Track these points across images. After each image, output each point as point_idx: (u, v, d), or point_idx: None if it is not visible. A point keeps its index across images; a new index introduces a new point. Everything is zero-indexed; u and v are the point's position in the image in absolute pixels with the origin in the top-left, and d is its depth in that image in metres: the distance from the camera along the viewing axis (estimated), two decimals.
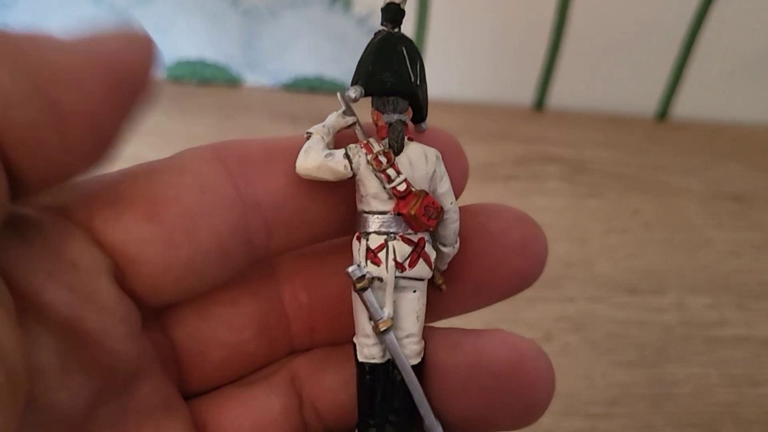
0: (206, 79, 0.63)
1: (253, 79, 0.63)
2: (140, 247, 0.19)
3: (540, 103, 0.63)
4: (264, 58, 0.61)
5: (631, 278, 0.47)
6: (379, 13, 0.21)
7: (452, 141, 0.23)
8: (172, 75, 0.63)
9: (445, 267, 0.22)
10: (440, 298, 0.22)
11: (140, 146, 0.57)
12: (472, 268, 0.22)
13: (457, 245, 0.22)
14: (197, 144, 0.21)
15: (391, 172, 0.20)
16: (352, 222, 0.22)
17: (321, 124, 0.21)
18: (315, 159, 0.20)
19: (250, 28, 0.59)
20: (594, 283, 0.46)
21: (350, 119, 0.22)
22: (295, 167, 0.21)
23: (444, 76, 0.62)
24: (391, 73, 0.21)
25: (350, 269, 0.20)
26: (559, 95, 0.62)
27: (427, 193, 0.21)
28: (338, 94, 0.21)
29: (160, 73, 0.18)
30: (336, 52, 0.60)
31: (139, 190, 0.19)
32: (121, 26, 0.17)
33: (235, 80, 0.63)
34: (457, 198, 0.22)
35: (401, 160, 0.21)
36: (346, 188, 0.21)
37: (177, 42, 0.61)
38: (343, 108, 0.21)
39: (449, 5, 0.57)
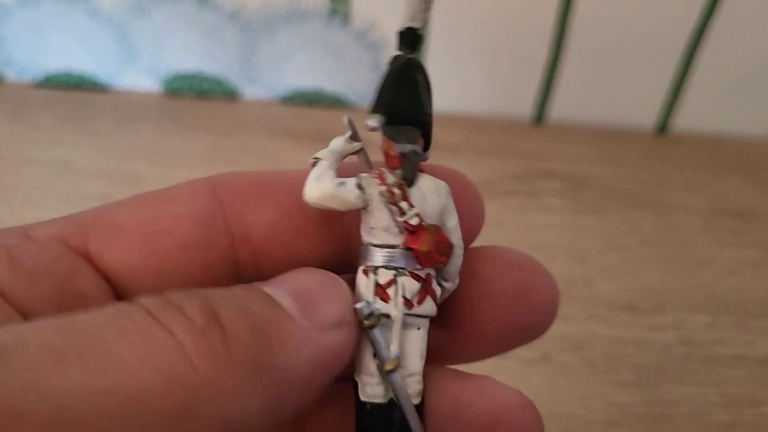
0: (204, 92, 0.63)
1: (251, 92, 0.63)
2: (133, 275, 0.19)
3: (539, 117, 0.63)
4: (262, 72, 0.61)
5: (630, 297, 0.46)
6: (380, 28, 0.21)
7: (465, 181, 0.22)
8: (170, 88, 0.63)
9: (440, 301, 0.21)
10: (432, 344, 0.21)
11: (139, 161, 0.58)
12: (461, 316, 0.21)
13: (458, 280, 0.21)
14: (194, 159, 0.21)
15: (403, 204, 0.20)
16: (341, 256, 0.21)
17: (328, 150, 0.21)
18: (326, 188, 0.20)
19: (248, 42, 0.59)
20: (593, 302, 0.46)
21: (357, 145, 0.21)
22: (286, 199, 0.20)
23: (442, 90, 0.62)
24: (409, 102, 0.21)
25: (359, 306, 0.19)
26: (559, 109, 0.62)
27: (439, 228, 0.20)
28: (345, 119, 0.21)
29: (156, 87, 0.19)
30: (334, 66, 0.60)
31: (133, 220, 0.20)
32: None
33: (233, 94, 0.63)
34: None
35: (413, 193, 0.20)
36: (337, 223, 0.21)
37: (174, 56, 0.61)
38: (350, 133, 0.21)
39: (448, 19, 0.57)
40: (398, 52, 0.21)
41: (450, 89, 0.62)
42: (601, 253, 0.49)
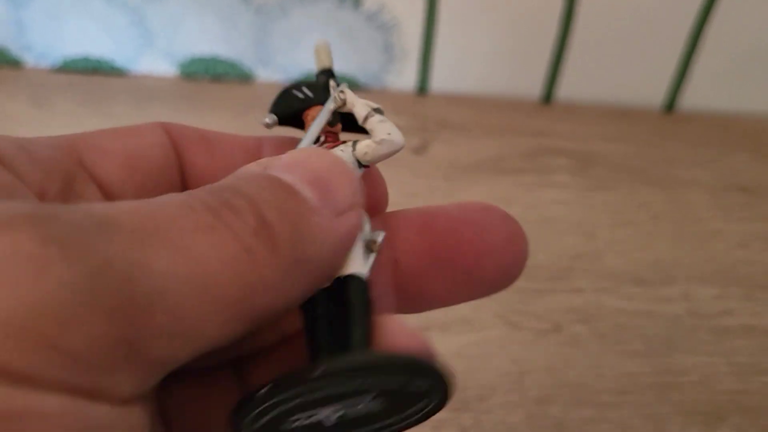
0: (219, 74, 0.63)
1: (265, 74, 0.63)
2: (120, 188, 0.22)
3: (548, 97, 0.63)
4: (275, 54, 0.62)
5: (639, 270, 0.47)
6: (390, 9, 0.23)
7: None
8: (186, 72, 0.64)
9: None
10: (427, 284, 0.23)
11: None
12: (462, 254, 0.23)
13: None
14: None
15: None
16: None
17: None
18: None
19: (262, 25, 0.60)
20: (602, 275, 0.47)
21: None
22: (219, 152, 0.24)
23: (452, 71, 0.63)
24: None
25: None
26: (567, 88, 0.63)
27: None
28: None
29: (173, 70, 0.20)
30: (346, 47, 0.61)
31: (115, 144, 0.22)
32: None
33: (248, 76, 0.64)
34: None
35: None
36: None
37: (190, 39, 0.61)
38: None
39: (458, 2, 0.58)
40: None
41: (459, 69, 0.63)
42: (610, 228, 0.50)
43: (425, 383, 0.18)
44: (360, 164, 0.23)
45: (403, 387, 0.18)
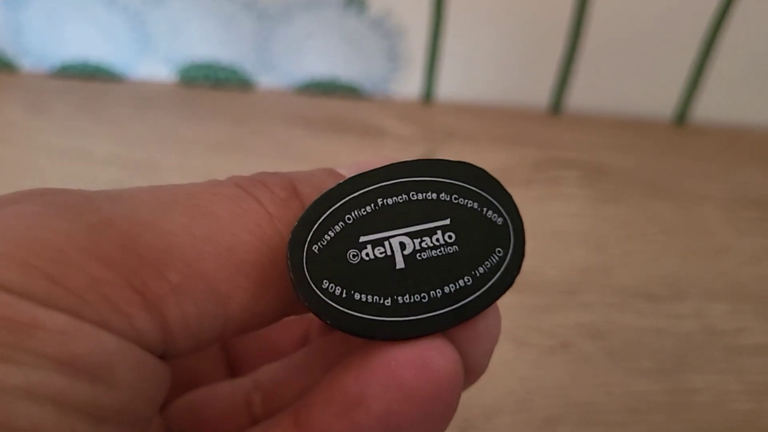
0: (220, 80, 0.63)
1: (267, 81, 0.63)
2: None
3: (557, 107, 0.62)
4: (278, 61, 0.61)
5: (650, 285, 0.46)
6: (396, 16, 0.22)
7: None
8: (186, 77, 0.63)
9: None
10: None
11: (156, 149, 0.58)
12: None
13: None
14: (211, 147, 0.24)
15: None
16: None
17: None
18: None
19: (264, 31, 0.59)
20: (612, 290, 0.46)
21: None
22: None
23: (459, 79, 0.62)
24: None
25: None
26: (576, 98, 0.62)
27: None
28: None
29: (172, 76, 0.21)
30: (350, 54, 0.60)
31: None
32: None
33: (249, 82, 0.63)
34: None
35: None
36: None
37: (190, 44, 0.61)
38: None
39: (464, 8, 0.57)
40: None
41: (466, 78, 0.62)
42: (620, 242, 0.49)
43: (496, 214, 0.19)
44: None
45: (472, 215, 0.19)
